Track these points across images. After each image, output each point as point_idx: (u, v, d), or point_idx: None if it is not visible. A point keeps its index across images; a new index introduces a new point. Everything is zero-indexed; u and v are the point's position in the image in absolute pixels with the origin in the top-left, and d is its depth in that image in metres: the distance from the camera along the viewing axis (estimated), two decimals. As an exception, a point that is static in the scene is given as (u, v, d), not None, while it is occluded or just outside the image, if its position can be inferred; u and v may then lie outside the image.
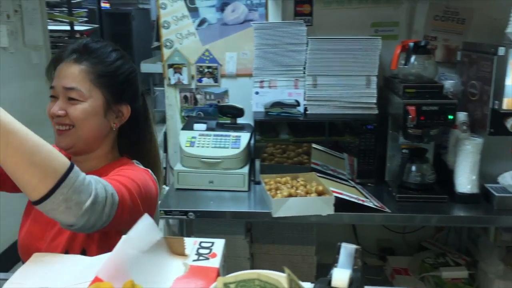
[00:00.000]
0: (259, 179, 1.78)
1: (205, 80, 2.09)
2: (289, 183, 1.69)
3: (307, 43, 1.83)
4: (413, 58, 1.70)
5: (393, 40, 1.96)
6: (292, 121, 1.82)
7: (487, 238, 1.95)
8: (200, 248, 0.72)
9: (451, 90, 1.78)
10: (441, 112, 1.61)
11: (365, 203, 1.57)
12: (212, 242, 0.74)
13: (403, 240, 2.20)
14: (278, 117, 1.82)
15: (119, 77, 1.09)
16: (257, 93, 1.89)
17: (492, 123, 1.62)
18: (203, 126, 1.86)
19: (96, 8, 4.67)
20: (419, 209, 1.62)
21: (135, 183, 0.98)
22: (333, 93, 1.83)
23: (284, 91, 1.88)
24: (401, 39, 1.95)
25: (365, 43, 1.80)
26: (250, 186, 1.78)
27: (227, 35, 2.04)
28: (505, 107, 1.56)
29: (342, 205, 1.55)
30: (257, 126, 1.81)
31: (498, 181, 1.72)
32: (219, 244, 0.73)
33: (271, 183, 1.69)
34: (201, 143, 1.79)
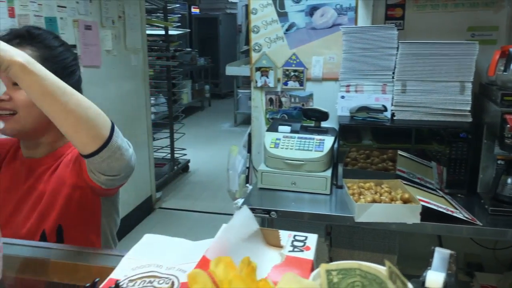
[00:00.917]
0: (341, 183, 1.78)
1: (291, 83, 2.13)
2: (373, 189, 1.67)
3: (398, 47, 1.80)
4: (513, 64, 1.60)
5: (491, 45, 1.87)
6: (378, 127, 1.79)
7: None
8: (294, 240, 0.75)
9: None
10: (544, 122, 1.50)
11: (454, 214, 1.51)
12: (305, 236, 0.77)
13: (493, 256, 2.06)
14: (363, 122, 1.81)
15: (63, 61, 1.09)
16: (343, 97, 1.89)
17: None
18: (288, 128, 1.89)
19: (187, 13, 4.94)
20: (513, 224, 1.52)
21: None
22: (423, 99, 1.78)
23: (370, 96, 1.86)
24: (500, 44, 1.86)
25: (460, 48, 1.73)
26: (332, 189, 1.78)
27: (314, 39, 2.06)
28: None
29: (428, 215, 1.50)
30: (341, 130, 1.81)
31: None
32: (313, 238, 0.76)
33: (354, 187, 1.68)
34: (285, 145, 1.82)
